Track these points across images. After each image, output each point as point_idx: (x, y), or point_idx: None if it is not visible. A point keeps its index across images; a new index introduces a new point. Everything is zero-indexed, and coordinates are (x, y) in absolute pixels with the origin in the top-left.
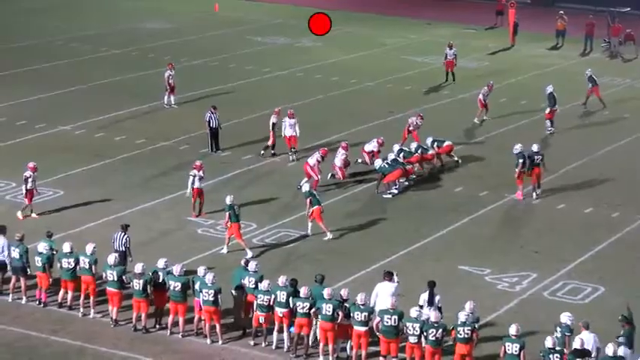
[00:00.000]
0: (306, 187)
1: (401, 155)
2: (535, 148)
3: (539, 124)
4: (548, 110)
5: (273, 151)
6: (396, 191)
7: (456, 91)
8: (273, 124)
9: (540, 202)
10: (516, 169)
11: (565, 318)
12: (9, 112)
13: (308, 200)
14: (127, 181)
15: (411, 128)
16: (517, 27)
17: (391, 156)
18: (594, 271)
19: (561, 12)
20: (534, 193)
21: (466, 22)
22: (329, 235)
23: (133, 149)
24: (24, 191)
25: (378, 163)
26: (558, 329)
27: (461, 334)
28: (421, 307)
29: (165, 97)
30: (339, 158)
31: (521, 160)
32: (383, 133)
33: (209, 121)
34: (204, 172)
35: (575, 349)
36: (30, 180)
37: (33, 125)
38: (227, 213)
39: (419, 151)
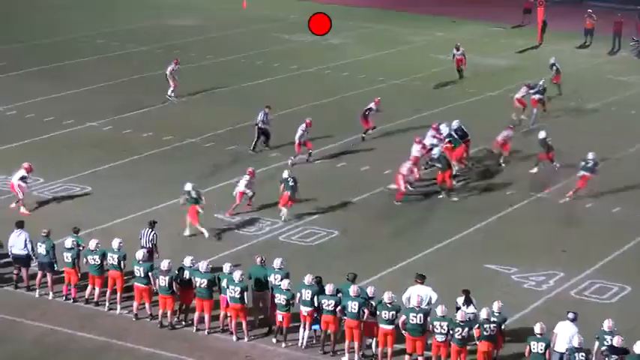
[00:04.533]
0: (285, 174)
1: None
2: (590, 156)
3: (566, 121)
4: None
5: (370, 132)
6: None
7: (484, 89)
8: (370, 109)
9: (568, 201)
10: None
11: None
12: (37, 108)
13: (282, 186)
14: (154, 177)
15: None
16: (546, 25)
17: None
18: (621, 270)
19: (590, 10)
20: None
21: (494, 20)
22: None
23: (160, 146)
24: (21, 187)
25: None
26: (608, 338)
27: (487, 332)
28: (458, 308)
29: (170, 91)
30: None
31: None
32: (409, 131)
33: (262, 120)
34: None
35: (612, 345)
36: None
37: (61, 121)
38: (184, 197)
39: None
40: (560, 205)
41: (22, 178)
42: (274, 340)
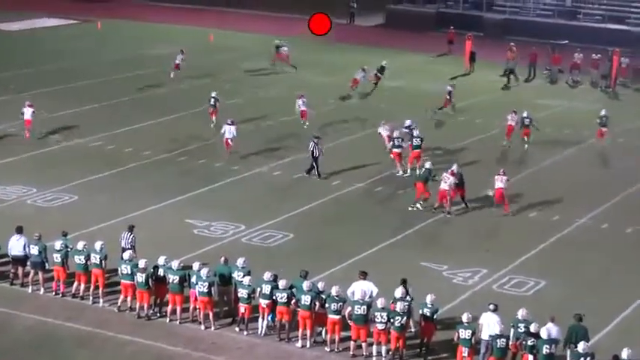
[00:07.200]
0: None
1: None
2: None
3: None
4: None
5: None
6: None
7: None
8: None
9: (489, 208)
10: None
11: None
12: (33, 126)
13: None
14: (134, 187)
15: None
16: (474, 55)
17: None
18: (536, 267)
19: (512, 43)
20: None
21: (422, 51)
22: None
23: (139, 159)
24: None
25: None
26: (521, 325)
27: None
28: (395, 298)
29: (172, 73)
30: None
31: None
32: (356, 145)
33: (313, 151)
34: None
35: (529, 331)
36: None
37: (50, 137)
38: None
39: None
40: (484, 211)
41: (33, 113)
42: (237, 329)
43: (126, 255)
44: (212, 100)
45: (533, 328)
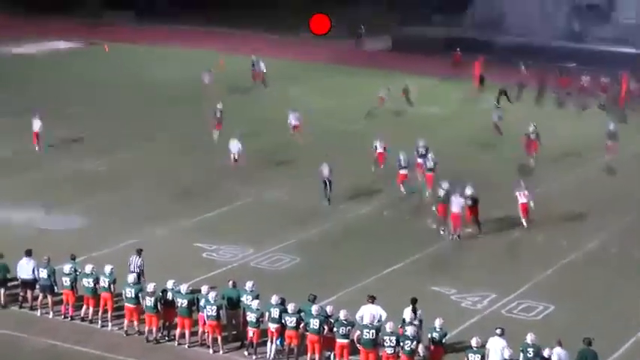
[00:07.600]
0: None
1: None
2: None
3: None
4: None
5: None
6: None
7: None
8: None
9: (497, 231)
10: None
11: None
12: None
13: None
14: (142, 210)
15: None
16: (484, 78)
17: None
18: (545, 291)
19: (522, 66)
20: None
21: (427, 73)
22: None
23: (148, 182)
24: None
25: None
26: (530, 350)
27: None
28: (404, 320)
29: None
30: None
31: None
32: (358, 166)
33: (327, 173)
34: None
35: (542, 356)
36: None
37: (59, 160)
38: None
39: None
40: (491, 235)
41: (41, 126)
42: (246, 353)
43: (130, 278)
44: (217, 112)
45: (546, 353)
